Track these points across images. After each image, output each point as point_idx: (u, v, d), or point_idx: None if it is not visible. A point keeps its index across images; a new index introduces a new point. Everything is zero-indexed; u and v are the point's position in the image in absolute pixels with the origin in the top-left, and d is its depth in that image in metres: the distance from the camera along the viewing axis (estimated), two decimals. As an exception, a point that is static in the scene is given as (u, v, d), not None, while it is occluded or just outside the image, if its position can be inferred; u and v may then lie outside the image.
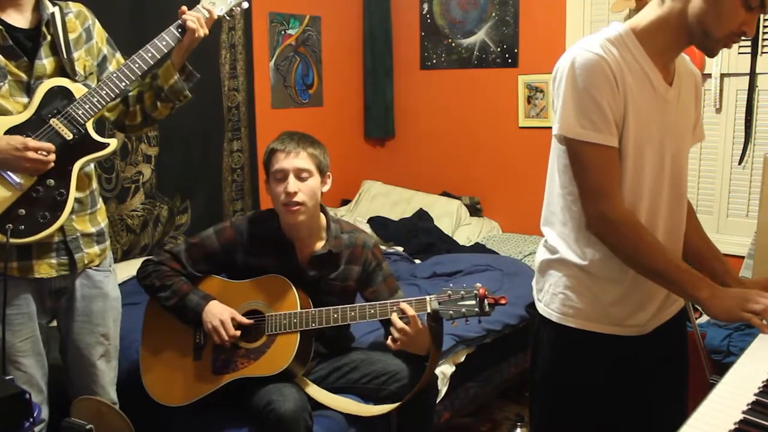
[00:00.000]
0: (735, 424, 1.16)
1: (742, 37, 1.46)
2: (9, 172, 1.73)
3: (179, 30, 1.93)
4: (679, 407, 1.71)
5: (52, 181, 1.79)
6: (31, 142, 1.73)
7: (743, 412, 1.19)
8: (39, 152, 1.73)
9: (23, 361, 1.86)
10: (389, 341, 2.04)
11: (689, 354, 1.80)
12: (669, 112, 1.55)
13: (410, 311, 1.99)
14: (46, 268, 1.86)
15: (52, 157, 1.76)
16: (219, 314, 2.07)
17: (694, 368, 2.37)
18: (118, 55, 2.01)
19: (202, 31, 1.94)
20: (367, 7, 4.47)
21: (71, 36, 1.86)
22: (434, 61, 4.38)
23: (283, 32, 4.05)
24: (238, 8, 2.05)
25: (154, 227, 3.47)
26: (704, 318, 3.09)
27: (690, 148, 1.67)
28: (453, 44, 4.29)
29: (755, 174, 3.29)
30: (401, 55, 4.50)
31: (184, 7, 1.96)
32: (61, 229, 1.84)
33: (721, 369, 1.96)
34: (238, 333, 2.08)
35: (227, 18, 2.06)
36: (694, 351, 2.53)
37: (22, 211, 1.75)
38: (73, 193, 1.83)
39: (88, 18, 1.93)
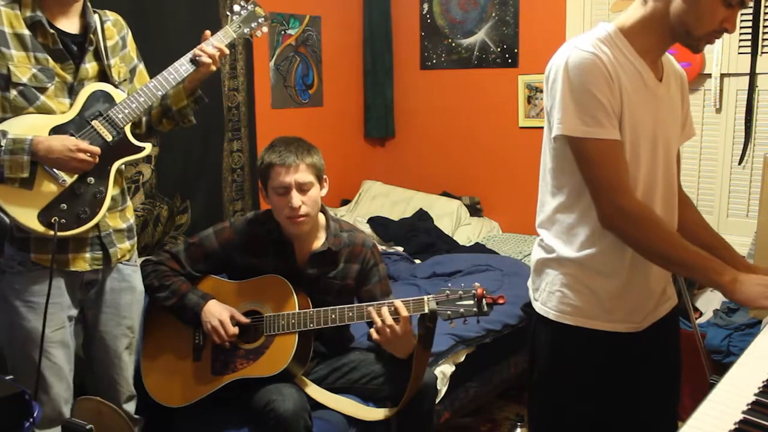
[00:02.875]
0: (735, 424, 1.16)
1: (725, 33, 1.49)
2: (55, 169, 1.82)
3: (192, 62, 2.03)
4: (672, 405, 1.72)
5: (92, 179, 1.89)
6: (82, 144, 1.83)
7: (743, 412, 1.19)
8: (87, 154, 1.83)
9: (53, 351, 1.91)
10: (372, 331, 2.03)
11: (688, 354, 1.81)
12: (660, 107, 1.57)
13: (404, 312, 1.98)
14: (80, 263, 1.94)
15: (97, 159, 1.86)
16: (218, 314, 2.07)
17: (694, 368, 2.38)
18: (142, 66, 2.12)
19: (214, 67, 2.06)
20: (367, 7, 4.47)
21: (109, 43, 1.97)
22: (434, 61, 4.38)
23: (283, 32, 4.05)
24: (260, 32, 2.19)
25: (154, 227, 3.47)
26: (704, 318, 3.09)
27: (680, 145, 1.69)
28: (453, 44, 4.28)
29: (755, 174, 3.29)
30: (401, 55, 4.50)
31: (208, 32, 2.06)
32: (96, 225, 1.92)
33: (721, 369, 1.96)
34: (237, 331, 2.08)
35: (250, 38, 2.21)
36: (694, 351, 2.54)
37: (64, 206, 1.84)
38: (111, 192, 1.93)
39: (123, 27, 2.06)
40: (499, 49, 4.10)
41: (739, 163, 3.32)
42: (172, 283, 2.13)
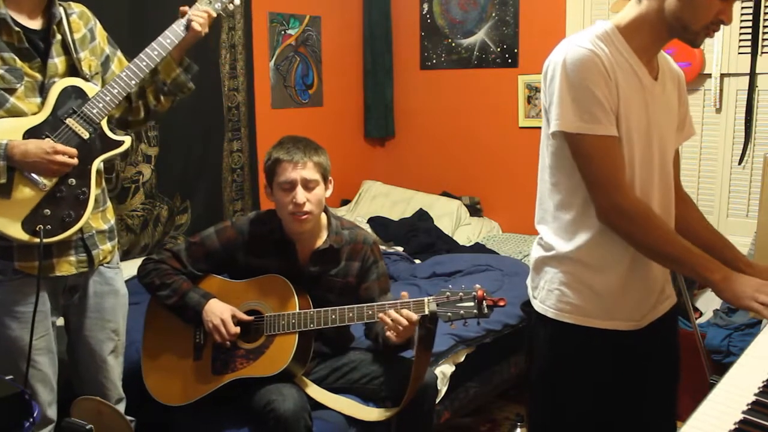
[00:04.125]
0: (735, 424, 1.16)
1: (722, 26, 1.50)
2: (33, 174, 1.76)
3: (183, 28, 1.97)
4: (670, 403, 1.72)
5: (73, 180, 1.83)
6: (59, 145, 1.77)
7: (743, 412, 1.19)
8: (65, 155, 1.77)
9: (38, 359, 1.88)
10: (389, 334, 2.01)
11: (688, 354, 1.81)
12: (656, 106, 1.58)
13: (414, 317, 1.97)
14: (66, 266, 1.89)
15: (76, 160, 1.80)
16: (219, 313, 2.07)
17: (694, 368, 2.38)
18: (119, 53, 2.05)
19: (204, 31, 1.99)
20: (367, 7, 4.47)
21: (76, 36, 1.89)
22: (434, 61, 4.38)
23: (283, 32, 4.05)
24: (231, 5, 2.09)
25: (154, 227, 3.47)
26: (704, 318, 3.09)
27: (677, 144, 1.70)
28: (453, 44, 4.28)
29: (755, 174, 3.29)
30: (401, 55, 4.50)
31: (185, 8, 2.00)
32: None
33: (721, 369, 1.96)
34: (239, 330, 2.08)
35: (223, 15, 2.10)
36: (694, 351, 2.54)
37: (47, 212, 1.78)
38: (94, 192, 1.88)
39: (90, 19, 1.97)
40: (499, 49, 4.10)
41: (739, 163, 3.32)
42: (173, 282, 2.13)
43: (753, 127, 3.27)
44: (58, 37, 1.84)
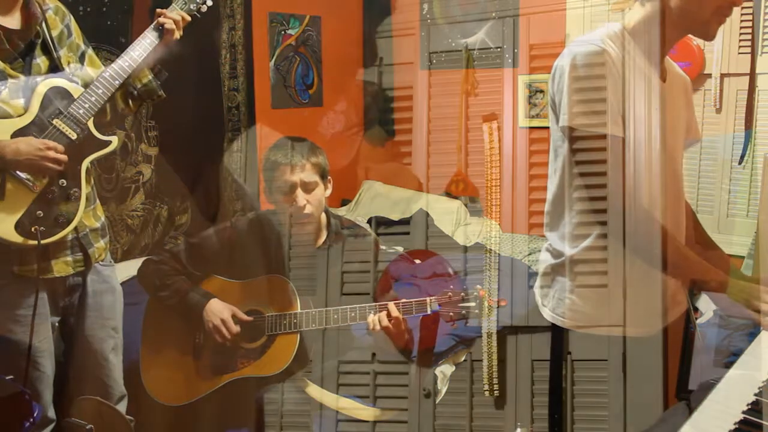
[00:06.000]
0: (735, 424, 1.16)
1: (734, 7, 1.50)
2: (21, 173, 1.75)
3: (160, 31, 1.96)
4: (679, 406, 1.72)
5: (64, 181, 1.84)
6: (50, 142, 1.77)
7: (743, 412, 1.19)
8: (56, 152, 1.77)
9: (41, 361, 1.89)
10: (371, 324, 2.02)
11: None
12: (664, 108, 1.58)
13: (394, 312, 1.98)
14: (62, 266, 1.90)
15: (65, 157, 1.80)
16: (219, 312, 2.08)
17: (693, 368, 2.37)
18: (90, 50, 2.03)
19: (178, 34, 1.99)
20: (367, 7, 4.47)
21: (54, 33, 1.87)
22: (434, 61, 4.37)
23: (283, 32, 4.05)
24: (204, 6, 2.09)
25: (154, 227, 3.46)
26: (704, 318, 3.08)
27: (686, 147, 1.69)
28: (453, 44, 4.28)
29: (755, 174, 3.29)
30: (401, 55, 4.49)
31: (160, 10, 2.00)
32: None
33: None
34: (239, 330, 2.08)
35: (198, 16, 2.08)
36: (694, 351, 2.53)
37: (40, 213, 1.79)
38: (85, 191, 1.88)
39: (66, 14, 1.95)
40: (499, 49, 4.10)
41: (739, 163, 3.31)
42: (173, 282, 2.14)
43: (753, 127, 3.26)
44: (41, 37, 1.83)
